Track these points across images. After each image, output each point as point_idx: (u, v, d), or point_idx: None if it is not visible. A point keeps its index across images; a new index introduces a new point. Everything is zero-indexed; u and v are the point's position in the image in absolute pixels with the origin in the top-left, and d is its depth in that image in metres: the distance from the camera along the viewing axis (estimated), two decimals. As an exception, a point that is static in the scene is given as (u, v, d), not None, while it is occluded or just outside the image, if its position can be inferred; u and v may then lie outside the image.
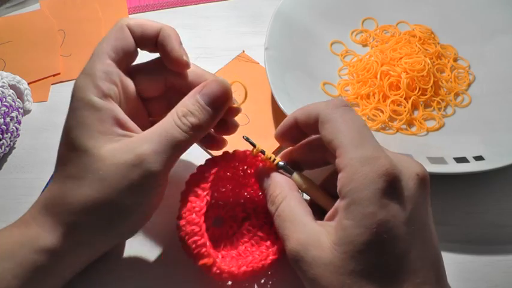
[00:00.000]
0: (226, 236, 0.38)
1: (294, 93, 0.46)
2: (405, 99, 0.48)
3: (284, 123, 0.36)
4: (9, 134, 0.44)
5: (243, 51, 0.54)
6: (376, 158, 0.29)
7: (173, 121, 0.33)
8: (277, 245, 0.36)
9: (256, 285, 0.37)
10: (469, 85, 0.51)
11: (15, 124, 0.45)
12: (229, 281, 0.36)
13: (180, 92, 0.36)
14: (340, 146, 0.31)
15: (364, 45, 0.55)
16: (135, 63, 0.37)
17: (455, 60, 0.53)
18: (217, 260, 0.33)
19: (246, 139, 0.35)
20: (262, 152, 0.35)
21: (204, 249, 0.32)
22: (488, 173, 0.40)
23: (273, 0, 0.55)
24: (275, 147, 0.45)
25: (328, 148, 0.32)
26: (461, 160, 0.41)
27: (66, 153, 0.33)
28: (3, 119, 0.43)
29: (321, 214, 0.33)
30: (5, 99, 0.44)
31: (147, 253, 0.38)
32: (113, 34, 0.34)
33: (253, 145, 0.35)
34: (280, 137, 0.37)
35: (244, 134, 0.36)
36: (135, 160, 0.31)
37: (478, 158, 0.41)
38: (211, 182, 0.34)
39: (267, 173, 0.36)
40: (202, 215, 0.33)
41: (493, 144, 0.43)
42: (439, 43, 0.54)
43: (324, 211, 0.34)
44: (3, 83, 0.45)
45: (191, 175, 0.35)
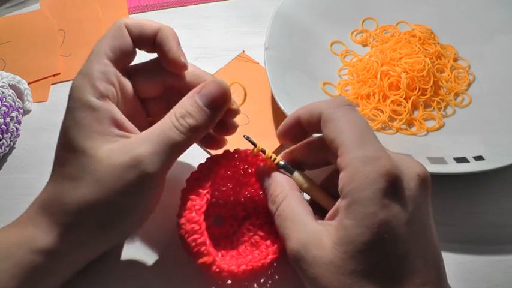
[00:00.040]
0: (227, 234, 0.38)
1: (294, 93, 0.46)
2: (405, 99, 0.48)
3: (286, 122, 0.36)
4: (9, 134, 0.44)
5: (243, 51, 0.54)
6: (378, 158, 0.29)
7: (171, 122, 0.32)
8: (277, 244, 0.36)
9: (255, 285, 0.37)
10: (469, 85, 0.51)
11: (15, 124, 0.45)
12: (229, 280, 0.36)
13: (179, 92, 0.36)
14: (342, 145, 0.30)
15: (364, 45, 0.55)
16: (133, 63, 0.36)
17: (455, 60, 0.53)
18: (217, 258, 0.33)
19: (247, 138, 0.35)
20: (263, 151, 0.35)
21: (203, 248, 0.32)
22: (488, 173, 0.40)
23: (273, 0, 0.55)
24: (275, 146, 0.45)
25: (330, 147, 0.32)
26: (461, 160, 0.41)
27: (63, 154, 0.33)
28: (3, 119, 0.43)
29: (322, 214, 0.33)
30: (5, 99, 0.44)
31: (147, 253, 0.38)
32: (111, 34, 0.34)
33: (254, 144, 0.35)
34: (282, 135, 0.37)
35: (245, 134, 0.36)
36: (132, 161, 0.31)
37: (478, 158, 0.41)
38: (212, 180, 0.34)
39: (268, 172, 0.35)
40: (202, 213, 0.33)
41: (493, 144, 0.43)
42: (439, 43, 0.54)
43: (324, 211, 0.34)
44: (3, 83, 0.45)
45: (192, 173, 0.35)
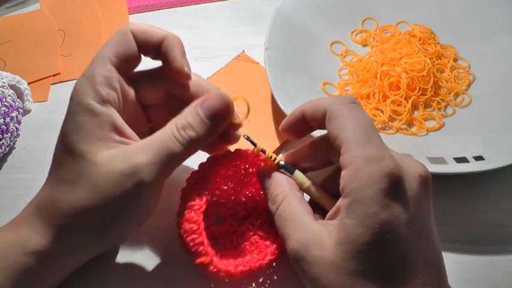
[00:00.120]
0: (226, 234, 0.38)
1: (294, 93, 0.46)
2: (405, 99, 0.48)
3: (290, 116, 0.36)
4: (9, 134, 0.44)
5: (243, 51, 0.54)
6: (381, 157, 0.29)
7: (171, 133, 0.32)
8: (276, 245, 0.36)
9: (254, 284, 0.37)
10: (469, 85, 0.51)
11: (15, 124, 0.45)
12: (227, 279, 0.36)
13: (181, 100, 0.36)
14: (346, 143, 0.30)
15: (364, 45, 0.55)
16: (137, 69, 0.36)
17: (455, 60, 0.53)
18: (215, 258, 0.33)
19: (247, 138, 0.35)
20: (263, 151, 0.35)
21: (201, 248, 0.32)
22: (488, 173, 0.40)
23: (273, 0, 0.55)
24: (275, 146, 0.45)
25: (333, 144, 0.32)
26: (461, 160, 0.41)
27: (62, 156, 0.32)
28: (3, 119, 0.43)
29: (322, 213, 0.34)
30: (5, 99, 0.44)
31: (147, 252, 0.38)
32: (116, 39, 0.34)
33: (254, 144, 0.35)
34: (286, 130, 0.36)
35: (245, 134, 0.36)
36: (131, 170, 0.31)
37: (478, 158, 0.41)
38: (212, 180, 0.34)
39: (268, 172, 0.35)
40: (201, 213, 0.33)
41: (493, 144, 0.43)
42: (439, 43, 0.54)
43: (324, 210, 0.34)
44: (3, 83, 0.45)
45: (192, 173, 0.35)
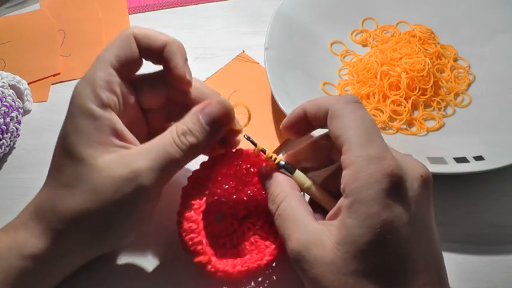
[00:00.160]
0: (227, 233, 0.38)
1: (294, 93, 0.46)
2: (405, 99, 0.48)
3: (292, 114, 0.36)
4: (9, 134, 0.44)
5: (243, 51, 0.54)
6: (382, 157, 0.29)
7: (172, 138, 0.32)
8: (275, 245, 0.36)
9: (253, 283, 0.37)
10: (469, 85, 0.51)
11: (15, 124, 0.45)
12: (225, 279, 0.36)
13: (181, 105, 0.36)
14: (347, 142, 0.30)
15: (364, 45, 0.55)
16: (138, 73, 0.36)
17: (455, 60, 0.53)
18: (213, 258, 0.33)
19: (247, 138, 0.35)
20: (263, 151, 0.35)
21: (200, 247, 0.32)
22: (488, 173, 0.40)
23: (273, 0, 0.55)
24: (275, 146, 0.45)
25: (334, 144, 0.32)
26: (461, 160, 0.41)
27: (60, 159, 0.32)
28: (3, 119, 0.43)
29: (322, 214, 0.33)
30: (5, 99, 0.44)
31: (147, 252, 0.38)
32: (118, 43, 0.34)
33: (254, 144, 0.35)
34: (287, 128, 0.36)
35: (245, 134, 0.36)
36: (130, 174, 0.31)
37: (478, 158, 0.41)
38: (213, 179, 0.34)
39: (269, 172, 0.35)
40: (201, 212, 0.33)
41: (493, 144, 0.43)
42: (439, 43, 0.54)
43: (325, 211, 0.34)
44: (3, 83, 0.45)
45: (194, 171, 0.35)
